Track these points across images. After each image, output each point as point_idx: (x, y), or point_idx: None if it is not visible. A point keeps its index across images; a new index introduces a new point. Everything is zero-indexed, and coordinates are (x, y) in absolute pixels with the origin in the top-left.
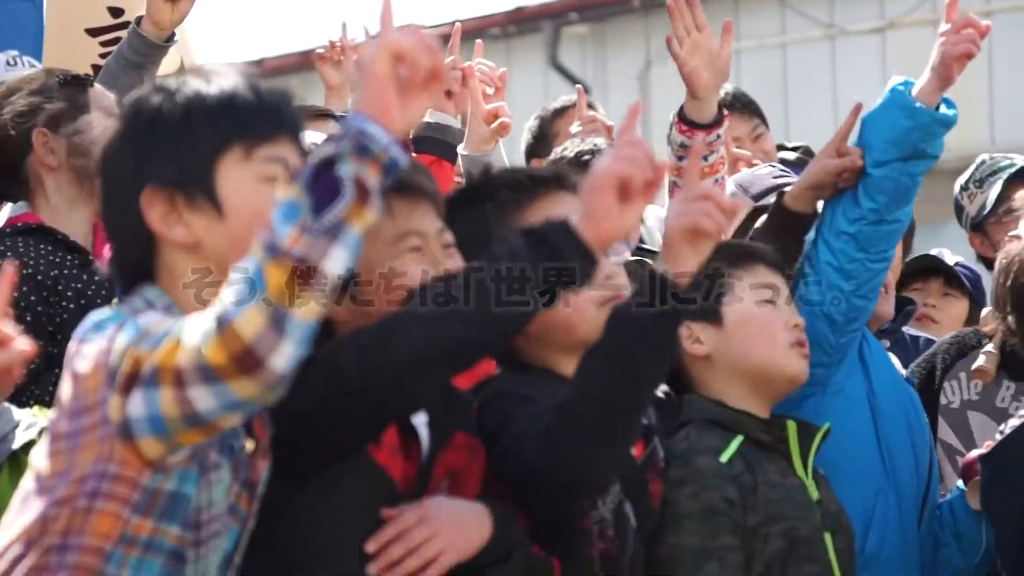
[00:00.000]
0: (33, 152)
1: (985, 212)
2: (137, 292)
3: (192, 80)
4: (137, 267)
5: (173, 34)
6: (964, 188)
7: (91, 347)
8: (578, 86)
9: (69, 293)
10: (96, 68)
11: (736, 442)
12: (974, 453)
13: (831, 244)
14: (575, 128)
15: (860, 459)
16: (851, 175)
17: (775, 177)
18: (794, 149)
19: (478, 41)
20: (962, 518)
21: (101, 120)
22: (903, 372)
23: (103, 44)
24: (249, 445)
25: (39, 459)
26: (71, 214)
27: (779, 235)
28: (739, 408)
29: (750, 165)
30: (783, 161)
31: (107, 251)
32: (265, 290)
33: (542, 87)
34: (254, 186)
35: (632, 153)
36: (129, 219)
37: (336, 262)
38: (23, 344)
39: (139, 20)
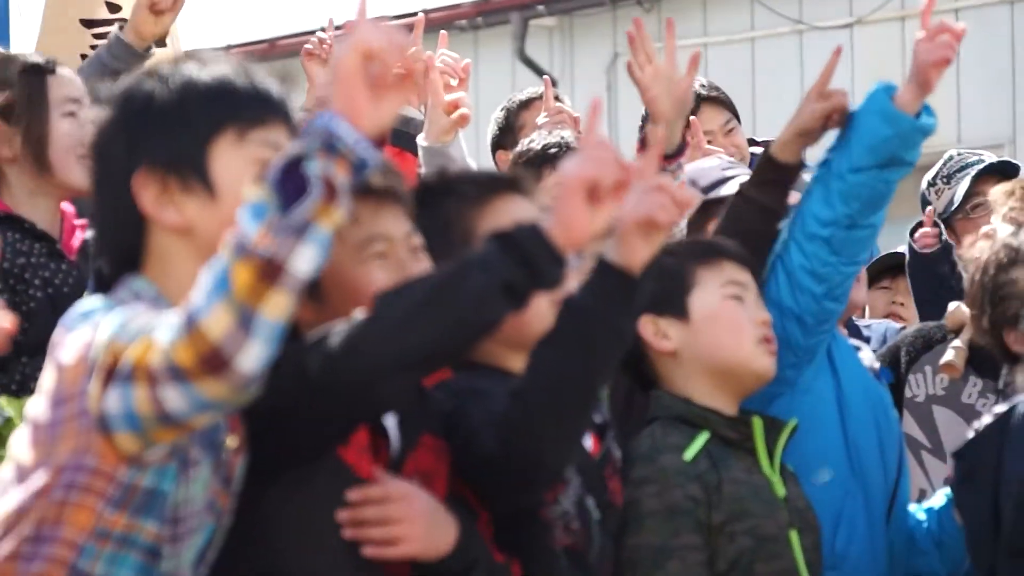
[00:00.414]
0: None
1: (953, 208)
2: (124, 283)
3: (185, 65)
4: (126, 255)
5: (150, 46)
6: (931, 184)
7: (76, 336)
8: (545, 77)
9: (36, 281)
10: (85, 58)
11: (701, 439)
12: None
13: (803, 247)
14: (542, 119)
15: (828, 459)
16: (839, 116)
17: (724, 169)
18: (763, 144)
19: (442, 32)
20: (948, 529)
21: (61, 109)
22: (875, 365)
23: (95, 36)
24: (232, 442)
25: (19, 448)
26: (34, 204)
27: (767, 188)
28: (705, 405)
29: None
30: (752, 155)
31: (76, 240)
32: (232, 289)
33: (509, 79)
34: (247, 168)
35: (600, 155)
36: (121, 203)
37: (304, 261)
38: (3, 319)
39: (122, 27)
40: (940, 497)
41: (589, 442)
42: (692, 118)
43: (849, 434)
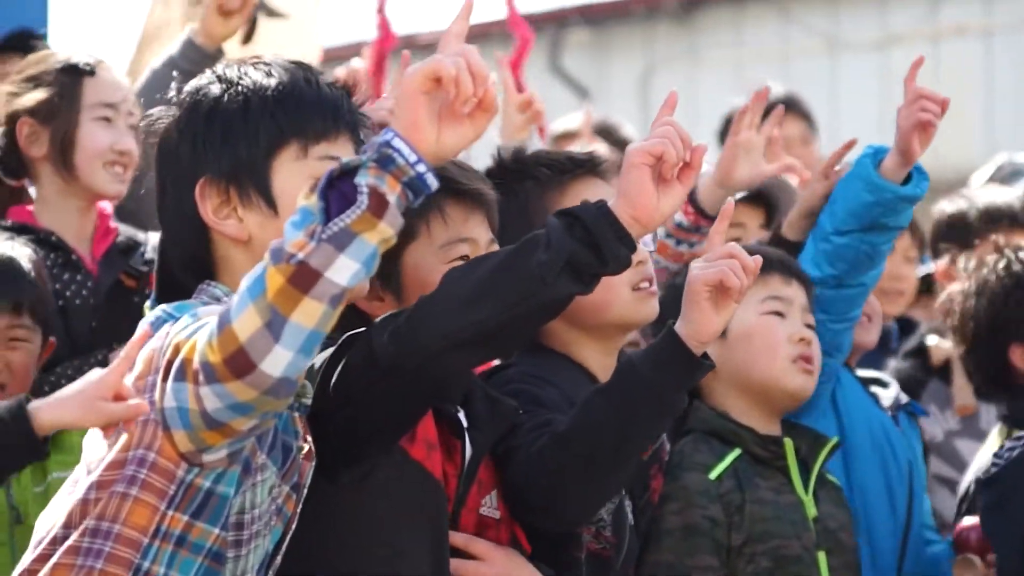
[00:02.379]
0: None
1: None
2: (204, 289)
3: (252, 71)
4: (191, 261)
5: (220, 47)
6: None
7: (156, 337)
8: (585, 110)
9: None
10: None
11: (731, 457)
12: (965, 522)
13: None
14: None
15: None
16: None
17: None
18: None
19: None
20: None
21: (94, 113)
22: (902, 400)
23: None
24: (301, 445)
25: (89, 446)
26: (61, 205)
27: None
28: (741, 421)
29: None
30: None
31: (109, 239)
32: (265, 293)
33: (543, 92)
34: (307, 184)
35: (666, 131)
36: (185, 210)
37: (342, 271)
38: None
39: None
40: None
41: None
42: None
43: (854, 484)
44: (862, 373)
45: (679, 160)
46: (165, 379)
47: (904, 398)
